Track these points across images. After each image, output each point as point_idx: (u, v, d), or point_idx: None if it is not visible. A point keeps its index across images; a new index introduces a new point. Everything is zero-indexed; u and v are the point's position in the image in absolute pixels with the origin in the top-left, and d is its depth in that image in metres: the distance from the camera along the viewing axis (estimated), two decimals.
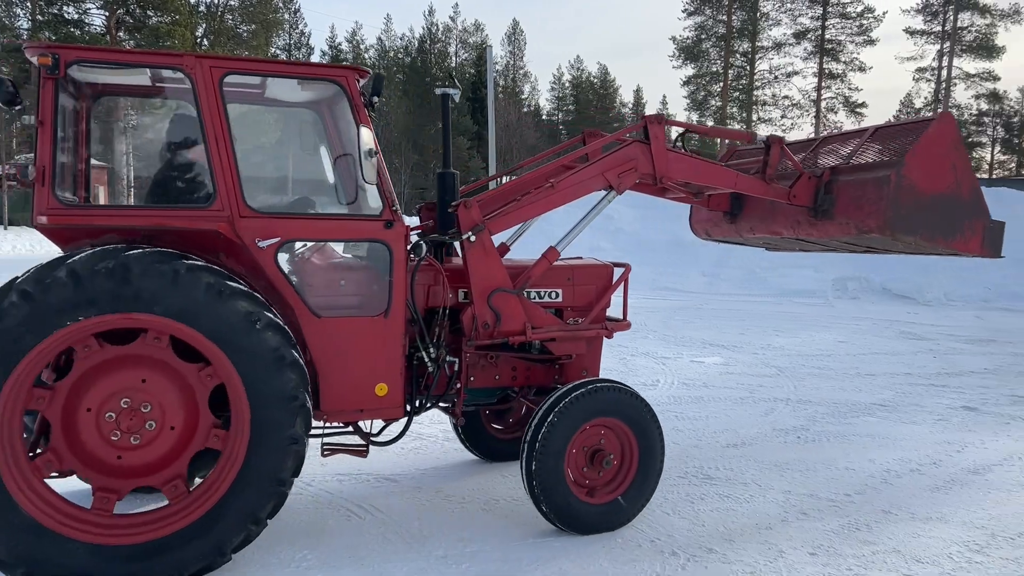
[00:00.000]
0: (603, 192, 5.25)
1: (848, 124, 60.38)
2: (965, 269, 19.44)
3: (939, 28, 58.77)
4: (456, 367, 5.07)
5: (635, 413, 4.93)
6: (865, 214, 5.30)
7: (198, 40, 47.11)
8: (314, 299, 4.45)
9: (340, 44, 79.58)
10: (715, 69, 60.85)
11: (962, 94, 62.04)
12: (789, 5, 59.28)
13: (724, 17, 59.33)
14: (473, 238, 4.83)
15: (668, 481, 5.81)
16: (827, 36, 58.85)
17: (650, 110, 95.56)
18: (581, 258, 5.82)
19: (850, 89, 59.77)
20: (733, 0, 58.64)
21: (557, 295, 5.44)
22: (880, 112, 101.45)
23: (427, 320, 4.92)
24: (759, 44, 60.38)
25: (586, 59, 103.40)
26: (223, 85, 4.25)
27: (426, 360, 4.88)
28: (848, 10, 58.23)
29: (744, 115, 60.68)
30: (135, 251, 3.91)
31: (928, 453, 6.66)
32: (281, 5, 63.15)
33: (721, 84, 60.13)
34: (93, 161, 4.78)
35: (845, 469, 6.20)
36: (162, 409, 4.10)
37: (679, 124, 5.81)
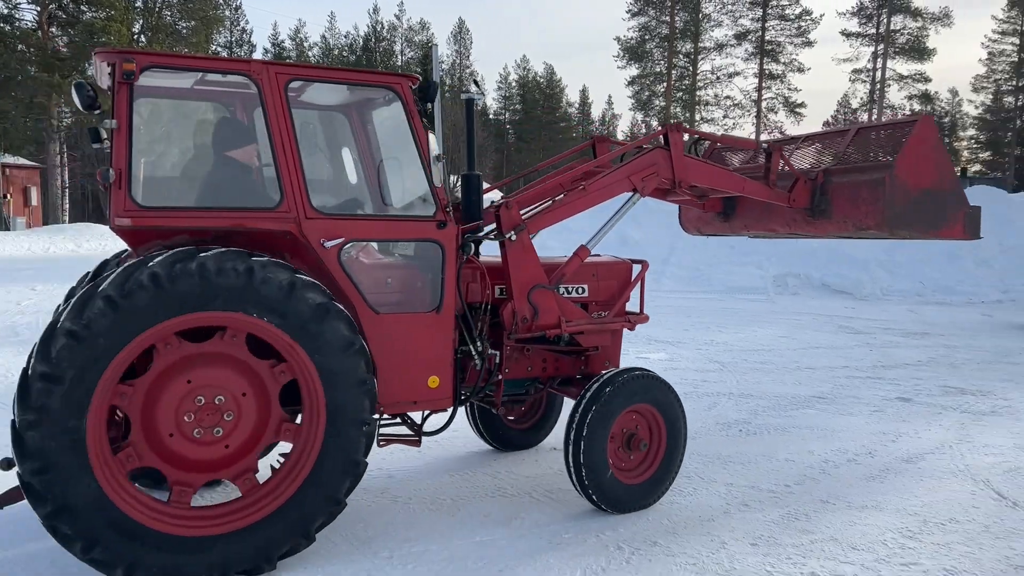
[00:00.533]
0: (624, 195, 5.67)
1: (788, 124, 61.78)
2: (900, 265, 20.06)
3: (873, 31, 60.45)
4: (497, 359, 5.31)
5: (666, 400, 5.30)
6: (863, 213, 5.81)
7: (135, 36, 45.86)
8: (373, 296, 4.60)
9: (283, 42, 78.44)
10: (659, 69, 61.56)
11: (896, 95, 63.92)
12: (730, 7, 60.40)
13: (667, 18, 60.07)
14: (514, 237, 5.13)
15: None
16: (767, 38, 60.05)
17: (596, 110, 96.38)
18: (600, 256, 6.06)
19: (789, 89, 61.12)
20: (676, 1, 59.41)
21: (583, 290, 5.79)
22: (818, 112, 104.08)
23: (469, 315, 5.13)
24: (701, 45, 61.32)
25: (532, 59, 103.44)
26: (287, 91, 4.39)
27: (473, 353, 5.11)
28: (787, 12, 59.54)
29: (687, 115, 61.54)
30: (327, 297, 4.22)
31: (864, 443, 6.85)
32: (222, 1, 61.99)
33: (665, 84, 60.86)
34: (163, 163, 4.90)
35: (785, 461, 6.34)
36: (236, 424, 4.24)
37: (694, 132, 6.14)
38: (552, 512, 5.17)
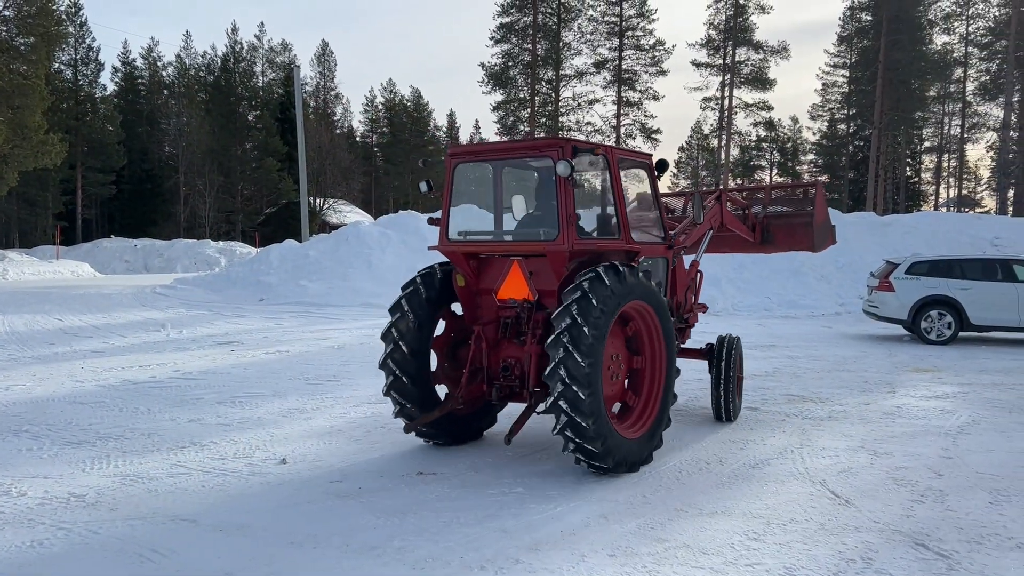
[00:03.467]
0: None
1: (646, 149, 64.21)
2: (748, 282, 21.22)
3: (720, 61, 63.98)
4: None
5: (742, 352, 8.87)
6: (797, 242, 10.09)
7: None
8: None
9: (135, 60, 74.91)
10: (523, 95, 62.82)
11: (742, 122, 67.91)
12: (589, 36, 62.51)
13: (529, 46, 61.49)
14: (682, 254, 8.40)
15: (471, 498, 5.92)
16: (624, 66, 62.49)
17: (463, 135, 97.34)
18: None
19: (646, 116, 63.74)
20: (537, 30, 60.93)
21: None
22: (673, 138, 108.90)
23: None
24: (563, 73, 63.10)
25: (399, 82, 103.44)
26: (620, 164, 7.09)
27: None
28: (642, 42, 62.16)
29: None
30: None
31: (715, 452, 7.22)
32: (65, 18, 58.50)
33: (529, 110, 62.16)
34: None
35: (642, 472, 6.57)
36: (617, 381, 6.77)
37: (736, 201, 9.83)
38: (415, 537, 5.14)
